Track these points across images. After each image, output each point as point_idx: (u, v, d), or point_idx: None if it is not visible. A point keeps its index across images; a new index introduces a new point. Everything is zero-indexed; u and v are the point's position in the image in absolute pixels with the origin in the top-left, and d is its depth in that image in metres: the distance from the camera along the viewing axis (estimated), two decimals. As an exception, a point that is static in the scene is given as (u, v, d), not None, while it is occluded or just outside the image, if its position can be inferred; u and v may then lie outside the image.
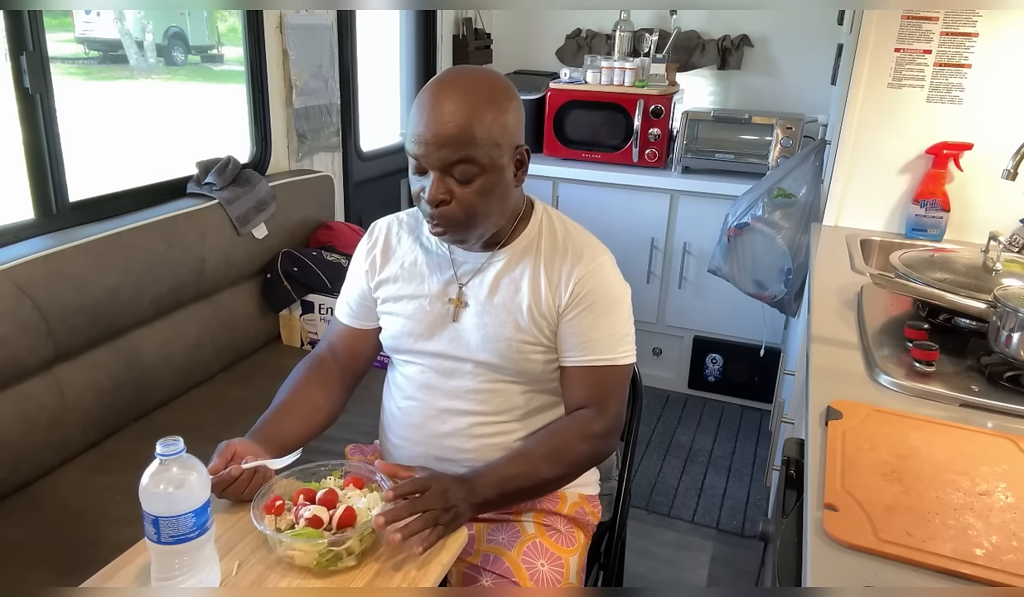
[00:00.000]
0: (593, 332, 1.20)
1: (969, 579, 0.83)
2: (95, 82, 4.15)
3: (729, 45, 3.22)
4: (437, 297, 1.25)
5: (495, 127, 1.09)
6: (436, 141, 1.07)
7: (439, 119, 1.07)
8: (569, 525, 1.31)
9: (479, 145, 1.08)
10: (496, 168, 1.12)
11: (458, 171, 1.09)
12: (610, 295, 1.21)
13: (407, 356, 1.29)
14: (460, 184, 1.10)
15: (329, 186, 2.62)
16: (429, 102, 1.09)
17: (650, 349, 3.27)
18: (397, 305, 1.27)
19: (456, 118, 1.07)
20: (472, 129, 1.07)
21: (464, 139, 1.07)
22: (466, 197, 1.11)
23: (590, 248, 1.23)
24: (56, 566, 1.40)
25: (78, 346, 1.75)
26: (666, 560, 2.28)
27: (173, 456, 0.89)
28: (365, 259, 1.32)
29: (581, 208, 3.11)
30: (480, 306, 1.22)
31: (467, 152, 1.08)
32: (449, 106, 1.07)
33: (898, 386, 1.27)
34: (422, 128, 1.08)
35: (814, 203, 2.45)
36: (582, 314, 1.20)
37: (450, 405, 1.25)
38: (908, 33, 2.06)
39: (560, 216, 1.28)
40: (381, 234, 1.33)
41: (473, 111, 1.08)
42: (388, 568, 0.99)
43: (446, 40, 3.35)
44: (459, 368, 1.24)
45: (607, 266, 1.23)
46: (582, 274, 1.19)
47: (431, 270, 1.26)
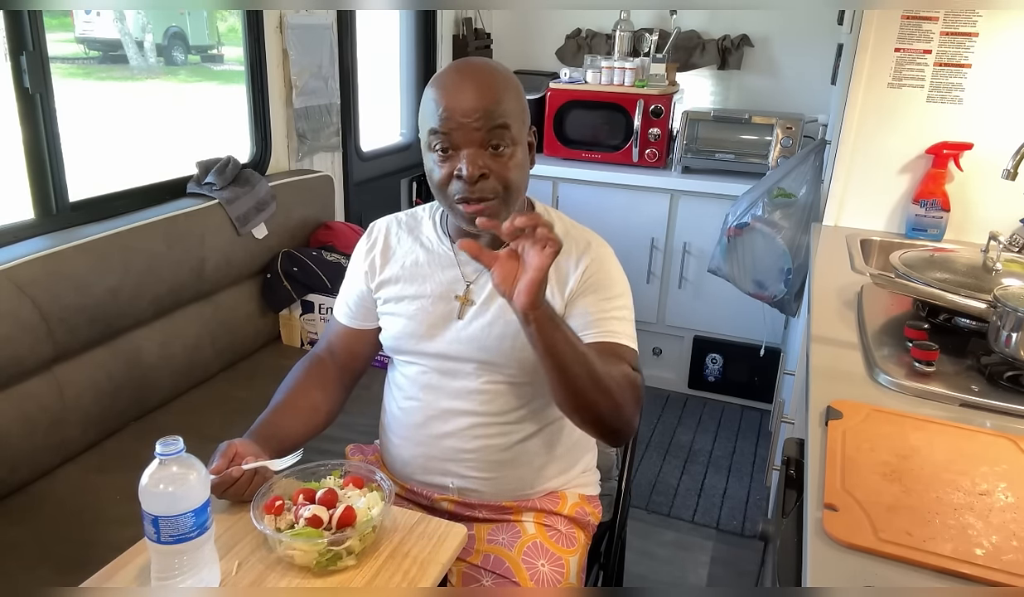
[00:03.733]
0: (602, 311, 1.18)
1: (969, 579, 0.83)
2: (95, 82, 4.15)
3: (729, 45, 3.22)
4: (440, 297, 1.24)
5: (518, 103, 1.13)
6: (468, 113, 1.07)
7: (469, 93, 1.08)
8: (570, 525, 1.31)
9: (510, 115, 1.10)
10: (523, 143, 1.14)
11: (493, 141, 1.09)
12: (614, 280, 1.22)
13: (408, 356, 1.28)
14: (495, 157, 1.10)
15: (329, 186, 2.63)
16: (452, 82, 1.10)
17: (650, 349, 3.27)
18: (398, 306, 1.27)
19: (485, 90, 1.08)
20: (502, 100, 1.09)
21: (497, 110, 1.08)
22: (502, 170, 1.11)
23: (595, 240, 1.25)
24: (56, 566, 1.40)
25: (78, 346, 1.75)
26: (666, 560, 2.27)
27: (173, 456, 0.89)
28: (364, 260, 1.31)
29: (581, 208, 3.11)
30: (485, 305, 1.21)
31: (502, 120, 1.09)
32: (475, 82, 1.09)
33: (898, 386, 1.27)
34: (450, 105, 1.08)
35: (814, 203, 2.45)
36: (587, 294, 1.19)
37: (452, 405, 1.24)
38: (908, 33, 2.06)
39: (559, 214, 1.28)
40: (380, 235, 1.32)
41: (500, 85, 1.10)
42: (388, 568, 0.99)
43: (446, 40, 3.35)
44: (461, 368, 1.23)
45: (609, 256, 1.24)
46: (588, 262, 1.20)
47: (433, 270, 1.25)
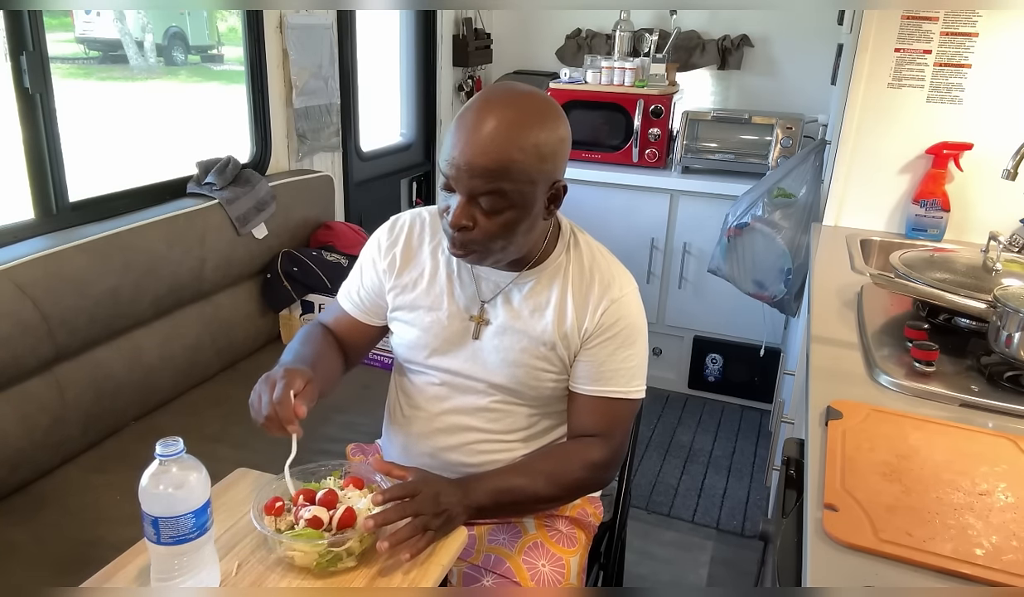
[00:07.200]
0: (610, 364, 1.19)
1: (969, 579, 0.83)
2: (95, 82, 4.15)
3: (729, 45, 3.22)
4: (456, 314, 1.21)
5: (532, 162, 1.03)
6: (468, 168, 1.02)
7: (475, 145, 1.02)
8: (570, 526, 1.31)
9: (512, 179, 1.03)
10: (526, 204, 1.06)
11: (485, 201, 1.04)
12: (633, 327, 1.19)
13: (419, 366, 1.25)
14: (485, 214, 1.05)
15: (329, 186, 2.62)
16: (469, 124, 1.03)
17: (650, 349, 3.25)
18: (413, 314, 1.24)
19: (493, 149, 1.01)
20: (507, 163, 1.01)
21: (497, 172, 1.02)
22: (489, 227, 1.06)
23: (619, 278, 1.20)
24: (56, 566, 1.40)
25: (78, 346, 1.75)
26: (666, 560, 2.27)
27: (173, 456, 0.89)
28: (384, 256, 1.26)
29: (581, 208, 3.10)
30: (502, 328, 1.19)
31: (498, 185, 1.03)
32: (488, 134, 1.01)
33: (898, 386, 1.27)
34: (457, 151, 1.03)
35: (814, 203, 2.45)
36: (603, 344, 1.18)
37: (458, 421, 1.23)
38: (908, 33, 2.06)
39: (587, 238, 1.24)
40: (403, 232, 1.26)
41: (512, 143, 1.02)
42: (388, 568, 0.99)
43: (446, 40, 3.35)
44: (472, 386, 1.22)
45: (632, 297, 1.20)
46: (609, 305, 1.17)
47: (452, 283, 1.22)
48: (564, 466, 1.19)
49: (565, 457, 1.21)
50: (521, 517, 1.28)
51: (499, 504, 1.14)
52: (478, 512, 1.11)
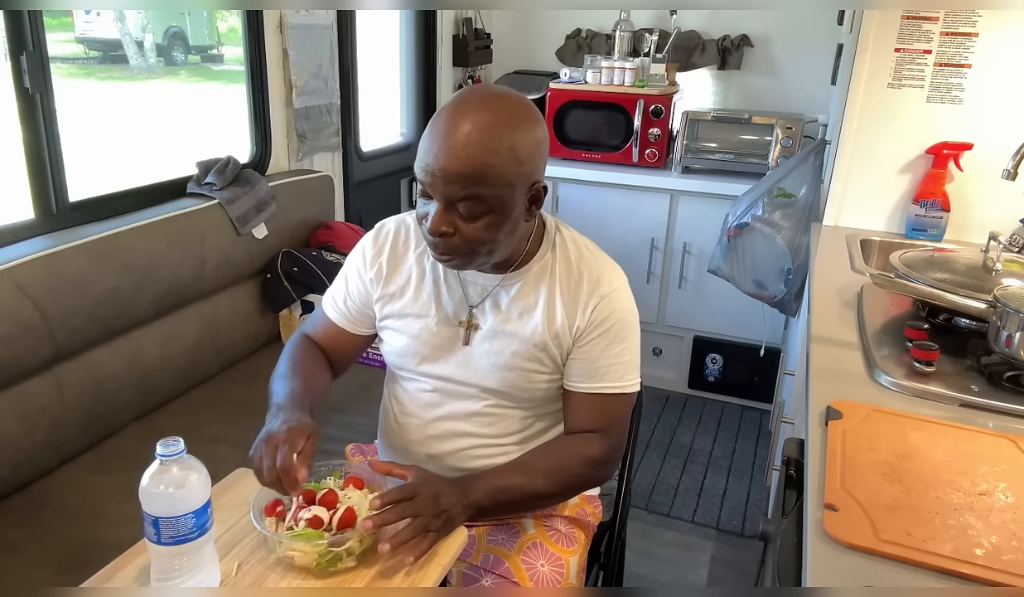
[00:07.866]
0: (604, 359, 1.18)
1: (969, 579, 0.83)
2: (95, 82, 4.15)
3: (729, 45, 3.22)
4: (444, 320, 1.20)
5: (509, 166, 1.02)
6: (444, 175, 1.01)
7: (449, 152, 1.00)
8: (570, 525, 1.31)
9: (489, 184, 1.01)
10: (505, 208, 1.05)
11: (464, 207, 1.03)
12: (624, 322, 1.19)
13: (410, 373, 1.25)
14: (464, 219, 1.05)
15: (329, 186, 2.63)
16: (442, 129, 1.02)
17: (650, 349, 3.27)
18: (401, 322, 1.23)
19: (467, 154, 1.00)
20: (483, 168, 1.00)
21: (473, 177, 1.01)
22: (470, 232, 1.05)
23: (607, 273, 1.19)
24: (56, 566, 1.40)
25: (78, 346, 1.75)
26: (666, 560, 2.27)
27: (173, 457, 0.89)
28: (370, 266, 1.25)
29: (581, 208, 3.12)
30: (492, 332, 1.19)
31: (475, 190, 1.01)
32: (461, 139, 1.00)
33: (898, 386, 1.27)
34: (431, 157, 1.02)
35: (814, 203, 2.45)
36: (595, 341, 1.17)
37: (452, 427, 1.23)
38: (908, 33, 2.06)
39: (572, 234, 1.23)
40: (388, 240, 1.25)
41: (487, 147, 1.00)
42: (388, 568, 0.99)
43: (446, 40, 3.35)
44: (464, 391, 1.22)
45: (623, 291, 1.19)
46: (599, 300, 1.16)
47: (439, 289, 1.21)
48: (563, 463, 1.19)
49: (564, 454, 1.20)
50: (521, 515, 1.28)
51: (499, 503, 1.14)
52: (478, 512, 1.10)
